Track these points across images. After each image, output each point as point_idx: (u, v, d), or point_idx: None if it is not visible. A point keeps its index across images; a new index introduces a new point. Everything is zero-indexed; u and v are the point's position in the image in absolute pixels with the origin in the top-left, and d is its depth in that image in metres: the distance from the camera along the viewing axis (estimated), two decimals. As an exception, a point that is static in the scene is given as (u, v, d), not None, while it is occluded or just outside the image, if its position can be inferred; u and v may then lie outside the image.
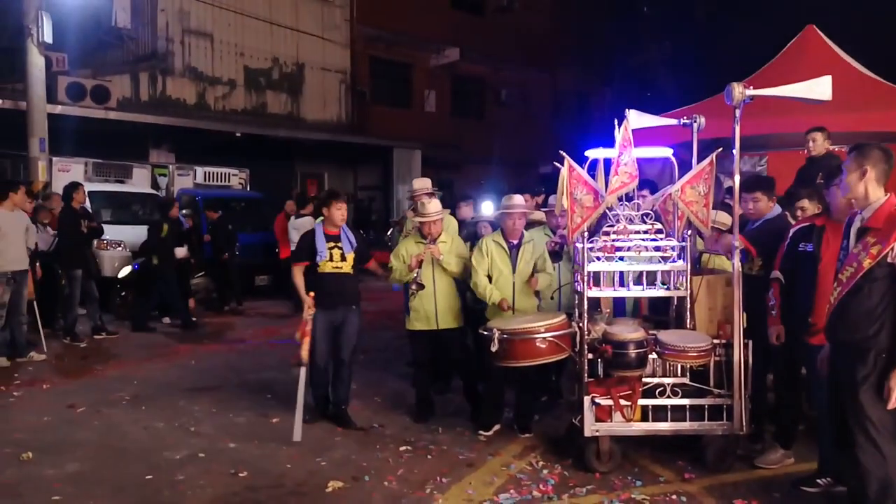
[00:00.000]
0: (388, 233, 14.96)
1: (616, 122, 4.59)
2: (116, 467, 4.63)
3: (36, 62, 10.57)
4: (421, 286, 5.43)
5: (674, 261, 4.58)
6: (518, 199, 5.40)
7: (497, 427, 5.32)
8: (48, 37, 10.53)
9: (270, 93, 17.31)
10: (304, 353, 5.30)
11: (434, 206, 5.53)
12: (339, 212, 5.57)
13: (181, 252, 9.42)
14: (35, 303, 7.74)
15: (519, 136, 21.14)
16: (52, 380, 6.85)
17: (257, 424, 5.56)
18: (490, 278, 5.35)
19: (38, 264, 7.85)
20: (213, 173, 13.70)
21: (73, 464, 4.66)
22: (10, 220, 7.21)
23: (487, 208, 9.16)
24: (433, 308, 5.48)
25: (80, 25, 12.78)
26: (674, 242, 4.62)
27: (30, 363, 7.37)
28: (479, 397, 5.63)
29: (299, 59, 17.74)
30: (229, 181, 13.93)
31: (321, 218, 5.86)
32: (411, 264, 5.46)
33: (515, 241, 5.34)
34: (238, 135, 15.27)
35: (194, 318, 9.64)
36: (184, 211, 10.97)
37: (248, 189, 14.28)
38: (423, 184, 6.68)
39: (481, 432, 5.27)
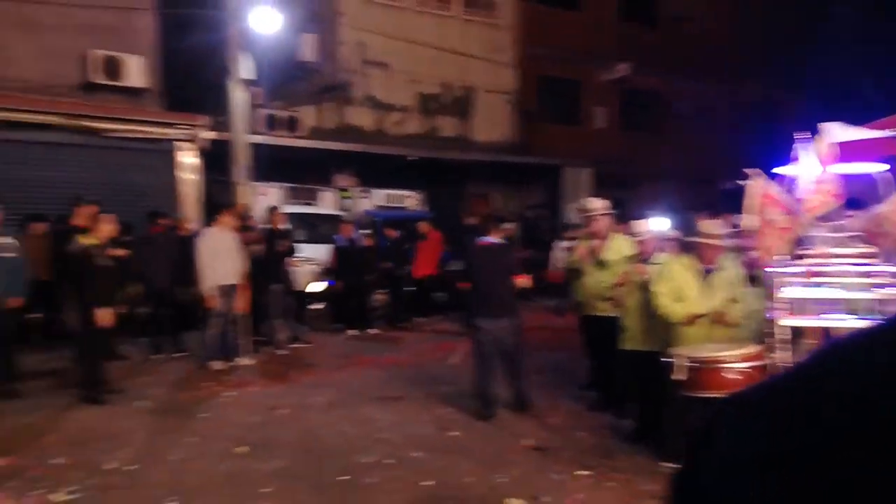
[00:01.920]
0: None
1: (810, 135, 4.36)
2: (315, 466, 5.03)
3: (238, 97, 11.75)
4: (618, 304, 5.52)
5: (890, 288, 4.20)
6: (715, 226, 5.04)
7: None
8: (247, 73, 11.68)
9: (441, 117, 17.95)
10: None
11: (644, 224, 5.63)
12: None
13: None
14: (246, 315, 8.56)
15: (696, 151, 20.24)
16: (258, 383, 7.57)
17: (439, 437, 5.78)
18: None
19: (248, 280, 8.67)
20: (391, 195, 14.47)
21: (278, 460, 5.12)
22: (223, 239, 8.09)
23: (659, 224, 8.85)
24: (641, 328, 5.48)
25: (273, 62, 14.05)
26: (889, 267, 4.25)
27: (238, 367, 8.17)
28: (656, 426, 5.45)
29: (468, 82, 18.27)
30: (404, 202, 14.63)
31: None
32: (615, 283, 5.59)
33: (709, 267, 5.01)
34: (411, 158, 15.98)
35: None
36: (365, 231, 11.69)
37: (422, 210, 14.90)
38: (594, 204, 6.63)
39: (666, 464, 5.03)
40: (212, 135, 11.91)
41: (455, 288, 12.36)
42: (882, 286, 4.24)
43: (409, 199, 14.71)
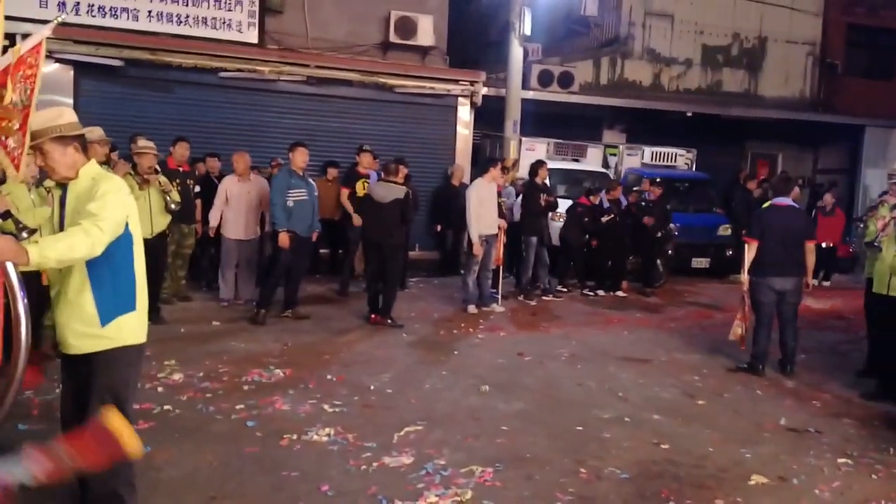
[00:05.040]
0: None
1: None
2: (553, 413, 5.23)
3: (516, 53, 12.02)
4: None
5: None
6: None
7: None
8: (527, 30, 11.89)
9: (727, 70, 16.71)
10: None
11: None
12: None
13: None
14: (501, 265, 8.98)
15: None
16: (506, 329, 7.93)
17: (682, 403, 5.65)
18: None
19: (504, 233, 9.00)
20: (660, 153, 13.90)
21: (518, 403, 5.41)
22: (488, 191, 8.50)
23: None
24: None
25: (553, 17, 14.12)
26: None
27: (491, 313, 8.61)
28: None
29: (762, 32, 16.71)
30: (675, 161, 13.98)
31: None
32: None
33: None
34: (689, 114, 15.17)
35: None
36: (635, 188, 11.38)
37: (694, 170, 14.12)
38: None
39: None
40: (486, 90, 12.42)
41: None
42: None
43: (681, 158, 13.99)
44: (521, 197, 9.96)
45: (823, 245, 10.91)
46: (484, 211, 8.35)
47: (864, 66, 17.59)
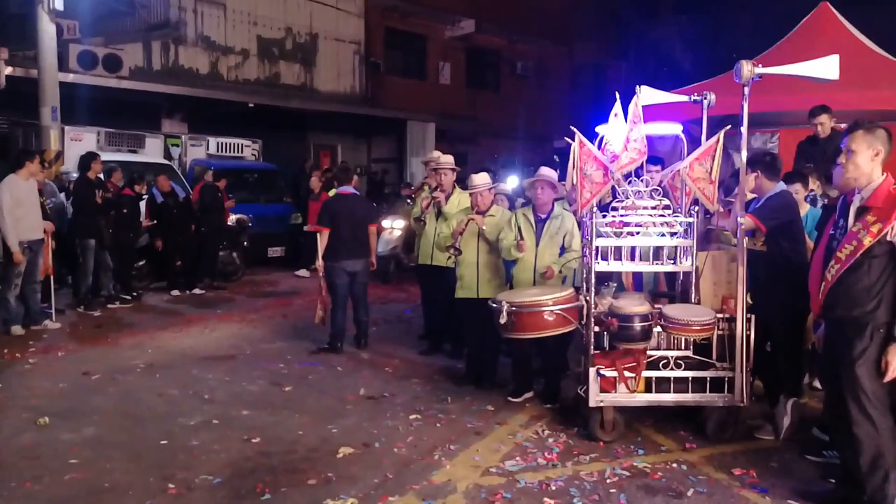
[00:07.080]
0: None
1: (618, 96, 4.63)
2: (132, 432, 4.74)
3: (47, 29, 10.47)
4: (458, 251, 5.71)
5: (680, 236, 4.62)
6: (545, 170, 5.47)
7: (529, 395, 5.46)
8: (59, 4, 10.45)
9: (283, 63, 17.22)
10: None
11: (481, 178, 5.79)
12: None
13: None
14: (51, 273, 7.78)
15: (535, 109, 21.00)
16: (66, 347, 6.94)
17: (270, 393, 5.67)
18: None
19: (51, 237, 7.77)
20: (227, 144, 13.70)
21: (89, 429, 4.77)
22: (27, 189, 7.27)
23: (512, 182, 9.53)
24: (475, 277, 5.74)
25: (92, -7, 12.67)
26: (681, 218, 4.65)
27: (44, 331, 7.45)
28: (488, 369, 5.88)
29: (313, 29, 17.65)
30: (242, 152, 13.94)
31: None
32: (454, 231, 5.74)
33: (543, 216, 5.42)
34: (251, 105, 15.24)
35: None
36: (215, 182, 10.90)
37: (261, 160, 14.27)
38: (442, 158, 6.78)
39: (510, 398, 5.43)
40: (11, 70, 10.59)
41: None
42: (677, 235, 4.63)
43: (248, 149, 14.01)
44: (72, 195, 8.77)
45: (305, 228, 11.17)
46: (23, 213, 7.14)
47: (402, 67, 19.97)
